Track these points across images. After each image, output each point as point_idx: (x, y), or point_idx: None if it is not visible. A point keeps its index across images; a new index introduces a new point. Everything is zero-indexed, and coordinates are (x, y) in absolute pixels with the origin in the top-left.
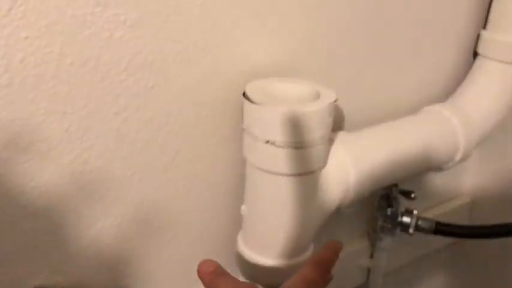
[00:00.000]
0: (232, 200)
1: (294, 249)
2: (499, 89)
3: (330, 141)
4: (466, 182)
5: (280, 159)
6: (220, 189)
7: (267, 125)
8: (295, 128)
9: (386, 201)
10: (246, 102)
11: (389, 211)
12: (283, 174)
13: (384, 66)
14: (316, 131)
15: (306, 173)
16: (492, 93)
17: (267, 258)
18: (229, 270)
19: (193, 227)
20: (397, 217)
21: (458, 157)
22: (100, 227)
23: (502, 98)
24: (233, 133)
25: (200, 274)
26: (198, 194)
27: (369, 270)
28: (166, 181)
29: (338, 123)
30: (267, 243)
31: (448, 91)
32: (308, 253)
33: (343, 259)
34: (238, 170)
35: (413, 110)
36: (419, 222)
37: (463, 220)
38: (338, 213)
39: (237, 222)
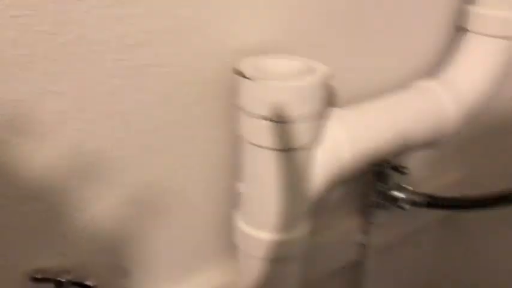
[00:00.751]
0: (229, 179)
1: (291, 223)
2: (490, 64)
3: (325, 117)
4: (457, 159)
5: (275, 135)
6: (217, 169)
7: (261, 100)
8: (291, 103)
9: (379, 177)
10: (240, 79)
11: (382, 187)
12: (279, 150)
13: (371, 42)
14: (312, 105)
15: (302, 147)
16: (482, 68)
17: (265, 232)
18: (228, 250)
19: (192, 208)
20: (390, 193)
21: (450, 132)
22: (98, 208)
23: (492, 72)
24: (228, 112)
25: None
26: (195, 175)
27: (363, 246)
28: (162, 163)
29: (330, 100)
30: (264, 218)
31: (434, 65)
32: (305, 227)
33: (338, 236)
34: (234, 149)
35: (402, 84)
36: (413, 197)
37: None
38: (333, 190)
39: (236, 201)
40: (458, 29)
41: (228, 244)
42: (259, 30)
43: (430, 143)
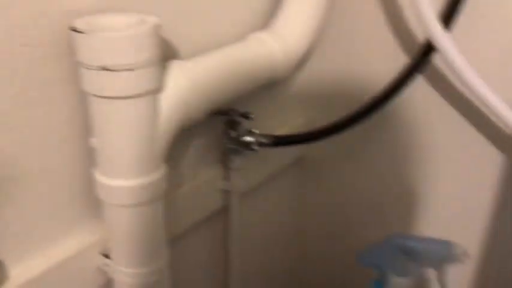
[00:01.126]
0: (85, 136)
1: (146, 167)
2: (310, 14)
3: (167, 67)
4: (298, 105)
5: (116, 83)
6: (70, 128)
7: (97, 52)
8: (125, 52)
9: (230, 125)
10: (76, 34)
11: (233, 134)
12: (121, 98)
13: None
14: (146, 52)
15: (143, 94)
16: (305, 18)
17: (124, 180)
18: (96, 208)
19: (50, 171)
20: (241, 138)
21: (280, 76)
22: None
23: (313, 21)
24: (71, 70)
25: None
26: (45, 139)
27: (227, 192)
28: (8, 129)
29: (171, 53)
30: (117, 167)
31: (265, 18)
32: (161, 170)
33: (202, 185)
34: (83, 105)
35: (239, 37)
36: (260, 139)
37: None
38: (191, 141)
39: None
40: None
41: (95, 202)
42: None
43: (266, 86)
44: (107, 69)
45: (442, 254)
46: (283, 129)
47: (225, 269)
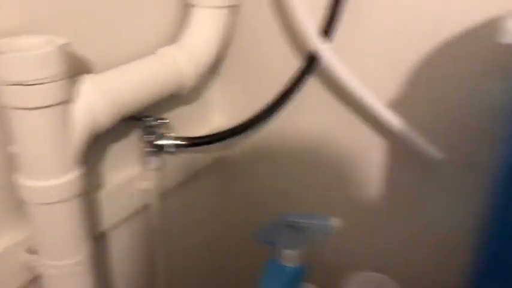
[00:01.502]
0: (3, 145)
1: (62, 169)
2: (214, 29)
3: (78, 80)
4: (214, 111)
5: (29, 96)
6: None
7: (12, 69)
8: (35, 69)
9: (146, 130)
10: None
11: (151, 138)
12: (34, 108)
13: (114, 18)
14: (53, 68)
15: (53, 104)
16: (209, 33)
17: (42, 181)
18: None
19: None
20: (157, 141)
21: (188, 84)
22: None
23: (217, 35)
24: None
25: None
26: None
27: (148, 191)
28: None
29: (85, 68)
30: (38, 169)
31: (174, 34)
32: (77, 171)
33: (123, 185)
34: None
35: (148, 51)
36: (176, 141)
37: None
38: (111, 144)
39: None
40: (188, 5)
41: (18, 204)
42: (8, 14)
43: (176, 93)
44: (21, 84)
45: (321, 227)
46: (202, 132)
47: (151, 264)
